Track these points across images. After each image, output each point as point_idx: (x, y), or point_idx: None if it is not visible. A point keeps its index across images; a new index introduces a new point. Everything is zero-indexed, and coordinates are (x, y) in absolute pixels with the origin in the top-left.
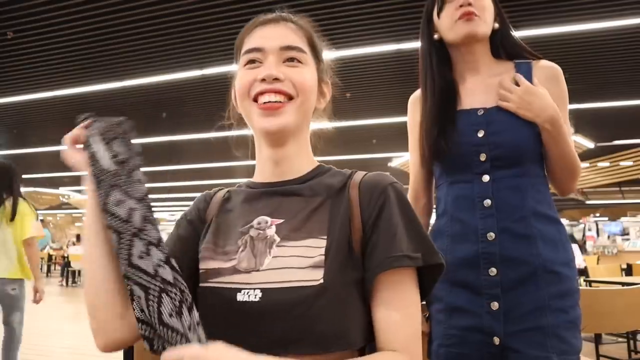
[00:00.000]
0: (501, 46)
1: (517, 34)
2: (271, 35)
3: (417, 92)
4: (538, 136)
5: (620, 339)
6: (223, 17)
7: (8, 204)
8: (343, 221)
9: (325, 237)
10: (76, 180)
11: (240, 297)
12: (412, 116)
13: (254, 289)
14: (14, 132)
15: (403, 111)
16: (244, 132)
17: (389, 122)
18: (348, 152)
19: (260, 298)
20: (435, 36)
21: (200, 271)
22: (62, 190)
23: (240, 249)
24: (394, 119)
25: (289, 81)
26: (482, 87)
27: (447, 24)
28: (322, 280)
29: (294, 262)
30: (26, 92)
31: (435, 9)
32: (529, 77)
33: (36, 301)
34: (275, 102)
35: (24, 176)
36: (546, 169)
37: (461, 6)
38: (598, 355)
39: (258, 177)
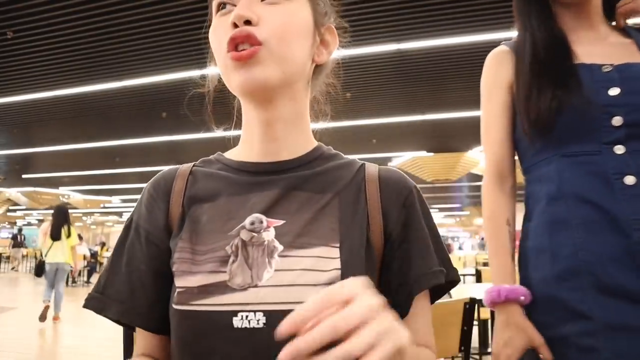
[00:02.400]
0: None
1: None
2: None
3: (501, 47)
4: None
5: None
6: None
7: (66, 228)
8: (361, 225)
9: (338, 245)
10: (76, 180)
11: (237, 322)
12: (496, 74)
13: (254, 311)
14: (14, 132)
15: (403, 111)
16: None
17: (389, 122)
18: (348, 152)
19: (264, 324)
20: None
21: (178, 290)
22: (62, 190)
23: (232, 259)
24: (394, 119)
25: (266, 24)
26: (601, 44)
27: None
28: None
29: (303, 277)
30: (26, 92)
31: None
32: None
33: (75, 270)
34: (243, 49)
35: (24, 176)
36: None
37: None
38: None
39: (242, 154)
